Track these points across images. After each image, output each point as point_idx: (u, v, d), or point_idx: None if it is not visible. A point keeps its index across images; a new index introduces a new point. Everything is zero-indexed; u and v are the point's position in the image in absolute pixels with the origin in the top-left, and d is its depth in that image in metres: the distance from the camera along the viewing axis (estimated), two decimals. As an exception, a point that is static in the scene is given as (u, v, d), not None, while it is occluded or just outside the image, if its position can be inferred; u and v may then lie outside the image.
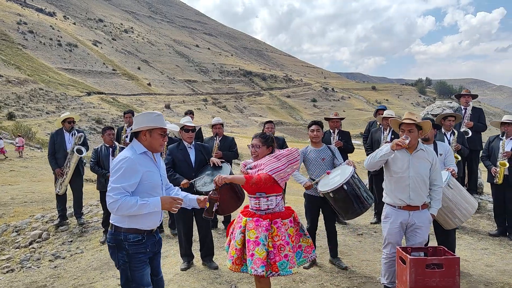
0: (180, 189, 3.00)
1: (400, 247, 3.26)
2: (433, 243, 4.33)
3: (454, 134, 5.43)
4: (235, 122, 71.15)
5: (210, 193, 2.83)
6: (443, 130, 5.42)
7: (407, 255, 3.11)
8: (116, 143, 5.94)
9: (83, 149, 6.19)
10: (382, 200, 3.67)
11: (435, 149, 4.09)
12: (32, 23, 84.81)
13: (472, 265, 4.38)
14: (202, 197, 2.83)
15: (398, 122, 3.50)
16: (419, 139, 3.46)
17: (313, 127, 4.43)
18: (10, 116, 36.07)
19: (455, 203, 3.74)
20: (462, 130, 6.09)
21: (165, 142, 2.74)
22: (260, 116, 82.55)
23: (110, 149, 5.76)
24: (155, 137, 2.67)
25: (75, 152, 6.12)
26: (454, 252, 3.73)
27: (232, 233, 3.29)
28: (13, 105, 41.39)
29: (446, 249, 3.28)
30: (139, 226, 2.61)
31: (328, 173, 4.24)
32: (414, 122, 3.35)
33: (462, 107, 6.54)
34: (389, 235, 3.51)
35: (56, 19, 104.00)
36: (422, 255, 3.36)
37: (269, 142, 3.23)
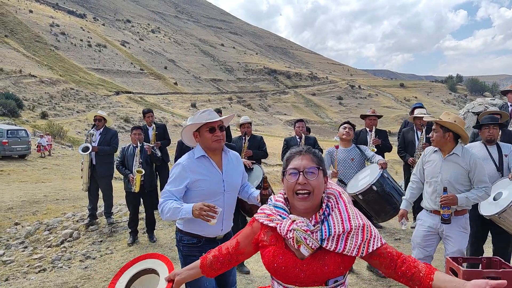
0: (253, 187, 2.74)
1: (450, 257, 2.99)
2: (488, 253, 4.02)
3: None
4: (260, 121, 70.93)
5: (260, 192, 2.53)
6: None
7: (459, 266, 2.84)
8: (144, 143, 5.83)
9: (90, 146, 6.19)
10: (421, 204, 3.46)
11: (499, 151, 3.79)
12: (64, 25, 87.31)
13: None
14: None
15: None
16: (459, 141, 3.20)
17: (345, 125, 4.43)
18: (43, 115, 37.09)
19: None
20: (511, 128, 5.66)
21: (217, 138, 2.45)
22: (285, 114, 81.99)
23: (136, 149, 5.66)
24: (203, 135, 2.48)
25: (79, 150, 6.18)
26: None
27: None
28: (46, 105, 42.63)
29: (502, 260, 2.99)
30: (194, 231, 2.48)
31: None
32: (439, 121, 3.16)
33: (509, 103, 6.00)
34: (415, 236, 3.35)
35: (87, 20, 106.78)
36: (465, 266, 3.09)
37: (323, 164, 1.69)
